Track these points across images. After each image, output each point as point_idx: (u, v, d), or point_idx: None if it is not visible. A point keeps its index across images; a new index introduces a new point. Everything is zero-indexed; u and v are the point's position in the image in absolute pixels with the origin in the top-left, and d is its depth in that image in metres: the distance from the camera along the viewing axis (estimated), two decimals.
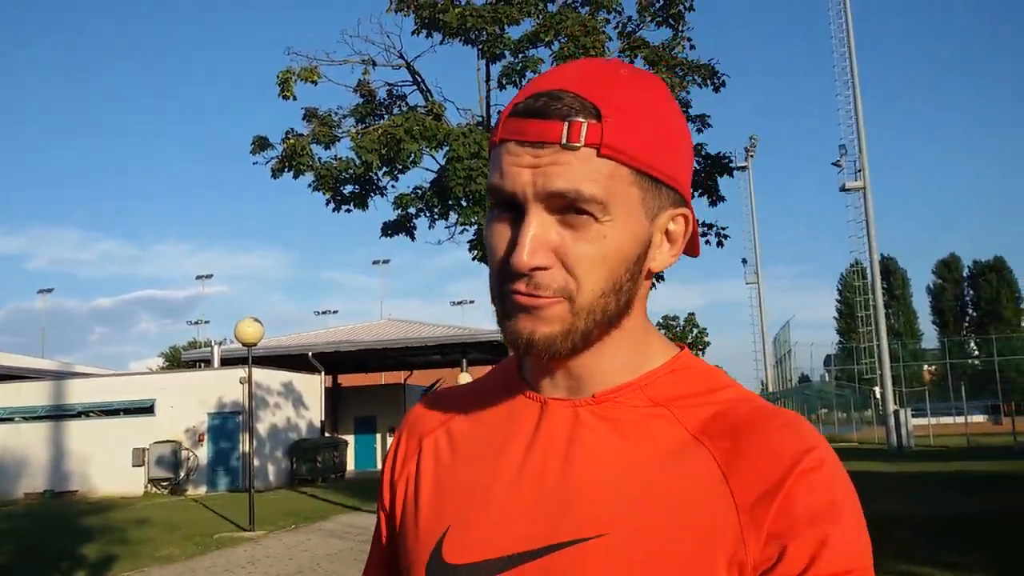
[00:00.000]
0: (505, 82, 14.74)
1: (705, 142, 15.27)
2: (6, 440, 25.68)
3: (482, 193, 13.24)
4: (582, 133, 0.75)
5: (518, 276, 0.77)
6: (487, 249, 0.83)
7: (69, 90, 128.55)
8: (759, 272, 55.15)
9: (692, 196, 0.90)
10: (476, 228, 14.60)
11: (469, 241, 15.34)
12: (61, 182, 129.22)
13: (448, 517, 0.86)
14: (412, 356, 34.27)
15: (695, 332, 47.37)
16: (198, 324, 71.61)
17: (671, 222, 0.83)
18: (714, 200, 15.11)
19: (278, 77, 14.50)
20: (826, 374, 53.86)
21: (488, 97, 15.57)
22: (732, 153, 15.87)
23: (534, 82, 0.81)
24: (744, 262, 56.05)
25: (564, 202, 0.76)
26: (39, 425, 25.78)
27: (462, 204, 14.52)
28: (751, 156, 55.08)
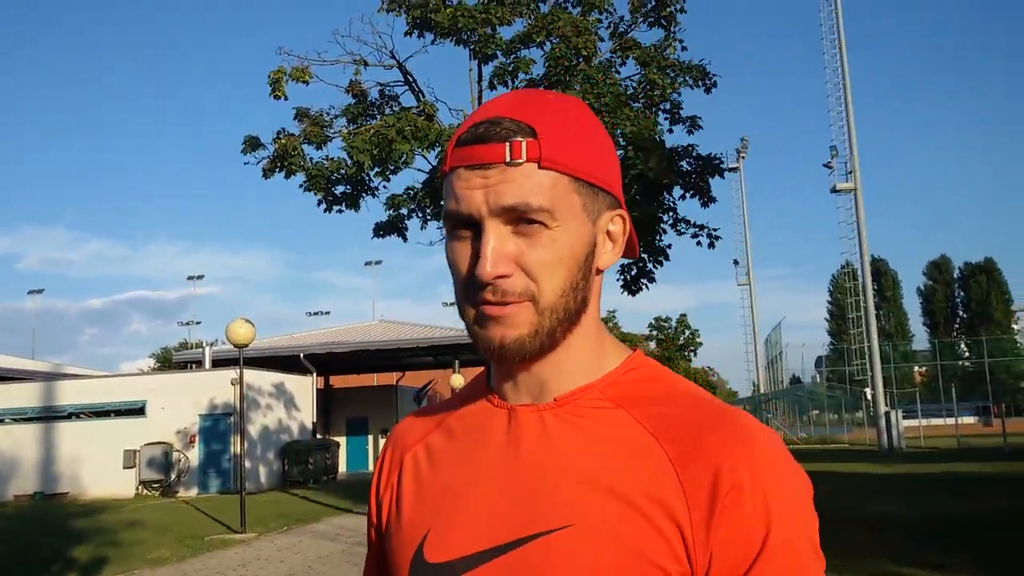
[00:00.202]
0: (497, 83, 14.72)
1: (696, 143, 15.27)
2: None
3: None
4: (523, 150, 0.84)
5: (484, 286, 0.85)
6: (450, 267, 0.90)
7: (64, 90, 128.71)
8: (751, 273, 55.28)
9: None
10: None
11: None
12: (50, 182, 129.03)
13: (428, 521, 0.94)
14: (404, 357, 34.27)
15: (687, 333, 47.45)
16: (189, 325, 71.59)
17: (611, 223, 0.92)
18: (706, 201, 15.09)
19: (269, 77, 14.45)
20: (817, 375, 54.02)
21: (480, 98, 15.54)
22: (723, 154, 15.87)
23: (472, 115, 0.89)
24: (736, 263, 56.13)
25: (516, 214, 0.84)
26: (29, 427, 25.67)
27: None
28: (742, 157, 55.17)
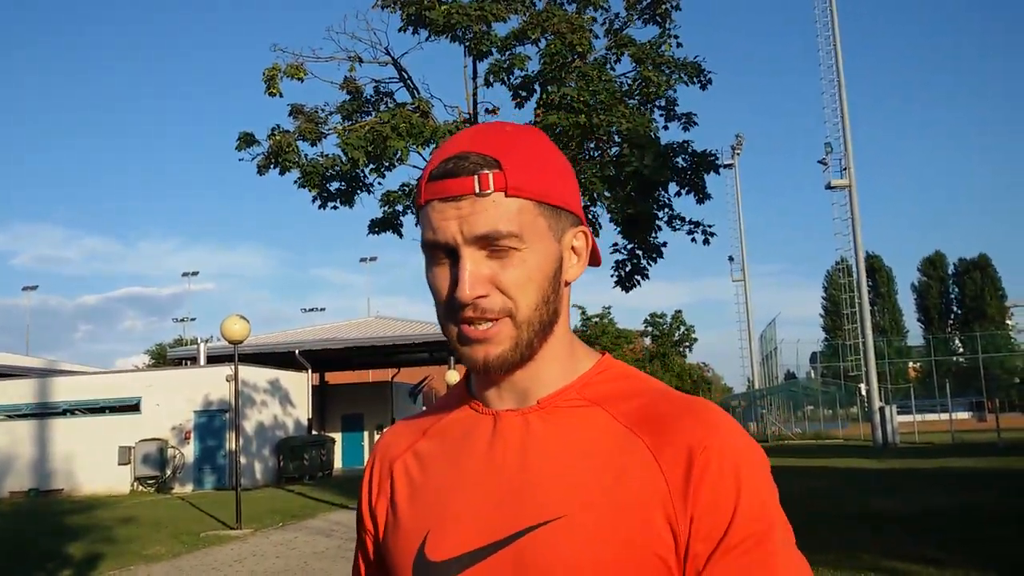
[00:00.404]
0: (492, 79, 14.72)
1: (691, 140, 15.28)
2: None
3: None
4: (490, 181, 0.92)
5: (464, 306, 0.93)
6: (432, 290, 0.98)
7: (59, 90, 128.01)
8: (745, 270, 55.32)
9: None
10: None
11: None
12: (44, 179, 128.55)
13: (426, 523, 1.00)
14: (400, 354, 34.23)
15: (682, 330, 47.41)
16: (184, 321, 71.31)
17: (574, 239, 1.00)
18: (701, 198, 15.11)
19: (264, 74, 14.43)
20: (812, 371, 54.06)
21: (475, 94, 15.55)
22: (718, 151, 15.89)
23: (440, 151, 0.97)
24: (731, 259, 56.21)
25: (488, 240, 0.92)
26: (24, 423, 25.62)
27: None
28: (737, 154, 55.21)
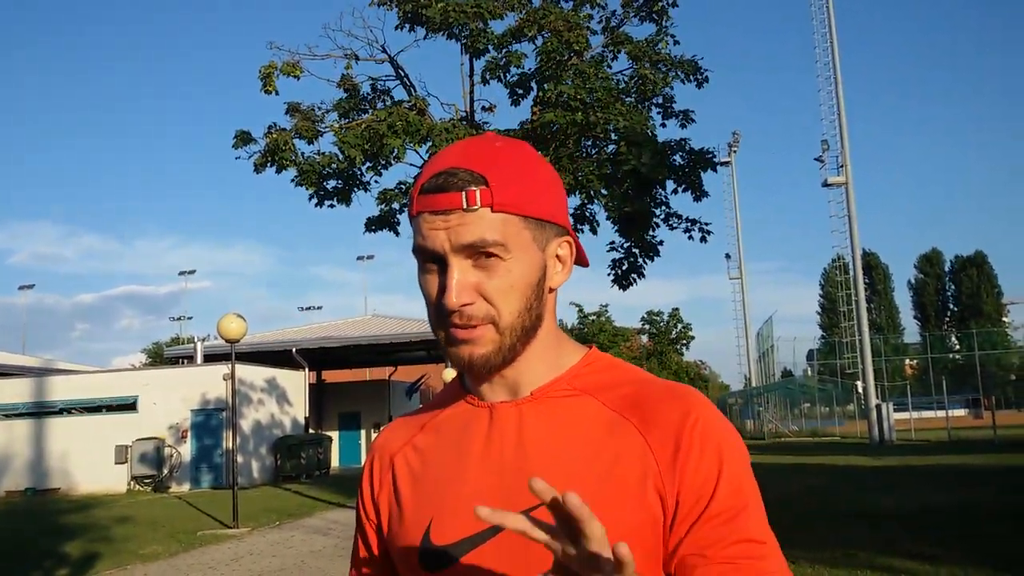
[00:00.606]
0: (489, 77, 14.70)
1: (688, 137, 15.25)
2: None
3: None
4: (477, 198, 0.97)
5: (451, 312, 0.99)
6: (423, 294, 1.04)
7: (58, 90, 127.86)
8: (742, 267, 55.40)
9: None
10: None
11: None
12: (41, 178, 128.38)
13: (429, 511, 1.06)
14: (397, 352, 34.21)
15: (679, 327, 47.43)
16: (181, 320, 71.39)
17: (559, 248, 1.06)
18: (698, 196, 15.09)
19: (260, 72, 14.39)
20: (809, 368, 54.06)
21: (472, 92, 15.53)
22: (715, 148, 15.89)
23: (432, 164, 1.02)
24: (728, 257, 56.30)
25: (474, 250, 0.98)
26: (20, 422, 25.58)
27: None
28: (734, 151, 55.24)
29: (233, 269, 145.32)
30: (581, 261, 1.11)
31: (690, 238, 15.29)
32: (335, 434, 34.17)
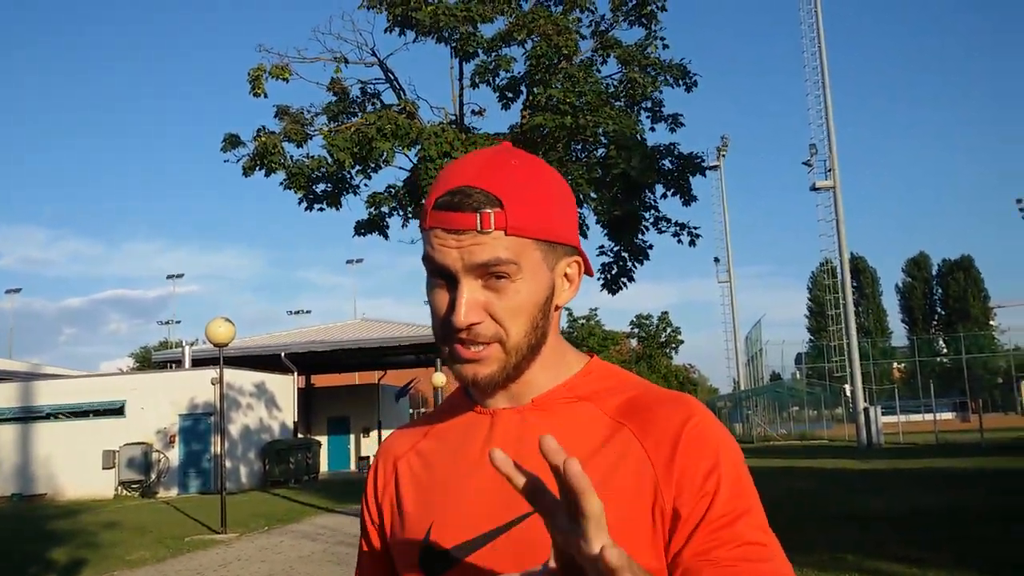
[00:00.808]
0: (478, 81, 14.69)
1: (677, 142, 15.30)
2: None
3: None
4: (491, 221, 0.98)
5: (459, 331, 1.00)
6: (431, 306, 1.04)
7: (57, 91, 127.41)
8: (731, 271, 55.56)
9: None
10: None
11: None
12: (28, 180, 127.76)
13: (431, 514, 1.08)
14: (386, 356, 34.13)
15: (668, 331, 47.55)
16: (169, 324, 71.16)
17: (568, 267, 1.08)
18: (687, 200, 15.12)
19: (249, 74, 14.35)
20: (797, 372, 54.28)
21: (461, 95, 15.52)
22: (704, 152, 15.91)
23: (447, 176, 1.02)
24: (716, 261, 56.49)
25: (485, 270, 0.99)
26: (7, 427, 25.42)
27: None
28: (723, 155, 55.43)
29: (221, 273, 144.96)
30: (587, 270, 1.12)
31: (679, 242, 15.32)
32: (324, 438, 34.05)
